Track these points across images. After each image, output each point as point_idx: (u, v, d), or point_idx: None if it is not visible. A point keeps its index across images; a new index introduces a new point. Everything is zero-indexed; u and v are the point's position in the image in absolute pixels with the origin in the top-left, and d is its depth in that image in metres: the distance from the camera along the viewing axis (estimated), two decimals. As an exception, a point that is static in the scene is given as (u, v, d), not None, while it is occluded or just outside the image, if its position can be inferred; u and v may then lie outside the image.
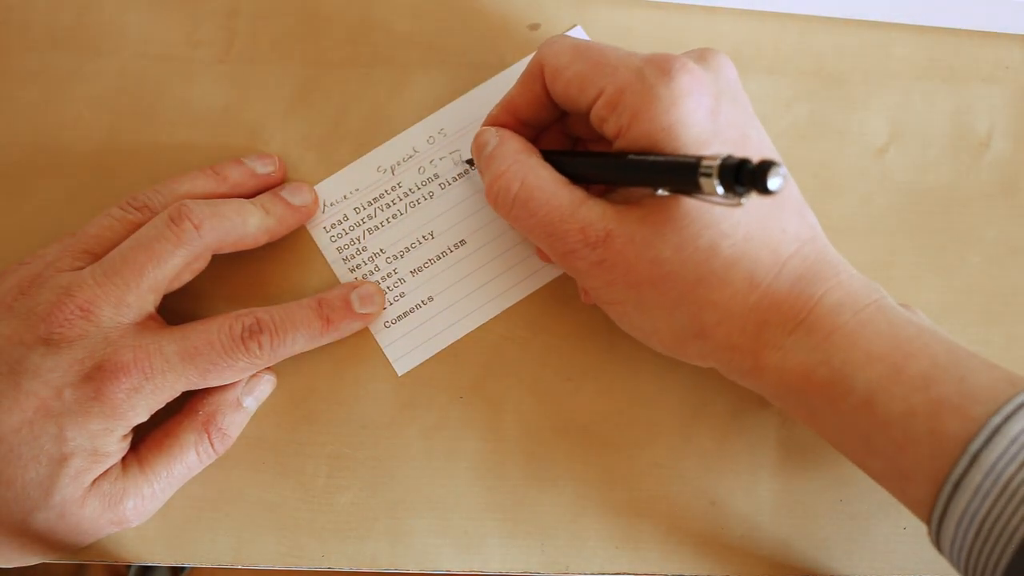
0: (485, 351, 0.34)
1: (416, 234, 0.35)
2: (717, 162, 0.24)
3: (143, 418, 0.29)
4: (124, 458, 0.30)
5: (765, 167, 0.22)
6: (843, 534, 0.33)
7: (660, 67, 0.27)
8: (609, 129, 0.28)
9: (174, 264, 0.30)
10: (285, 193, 0.33)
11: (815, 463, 0.33)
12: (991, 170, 0.36)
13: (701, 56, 0.28)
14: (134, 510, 0.30)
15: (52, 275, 0.29)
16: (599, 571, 0.33)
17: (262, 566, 0.33)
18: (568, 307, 0.34)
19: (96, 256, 0.30)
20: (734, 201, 0.24)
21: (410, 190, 0.35)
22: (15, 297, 0.29)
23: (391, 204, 0.35)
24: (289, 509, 0.33)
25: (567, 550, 0.33)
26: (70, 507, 0.28)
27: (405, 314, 0.34)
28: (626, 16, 0.36)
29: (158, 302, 0.31)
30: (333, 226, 0.35)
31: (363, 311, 0.33)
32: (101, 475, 0.29)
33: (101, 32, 0.36)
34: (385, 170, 0.35)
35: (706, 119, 0.27)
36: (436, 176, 0.35)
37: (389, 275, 0.34)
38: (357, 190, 0.35)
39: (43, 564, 0.31)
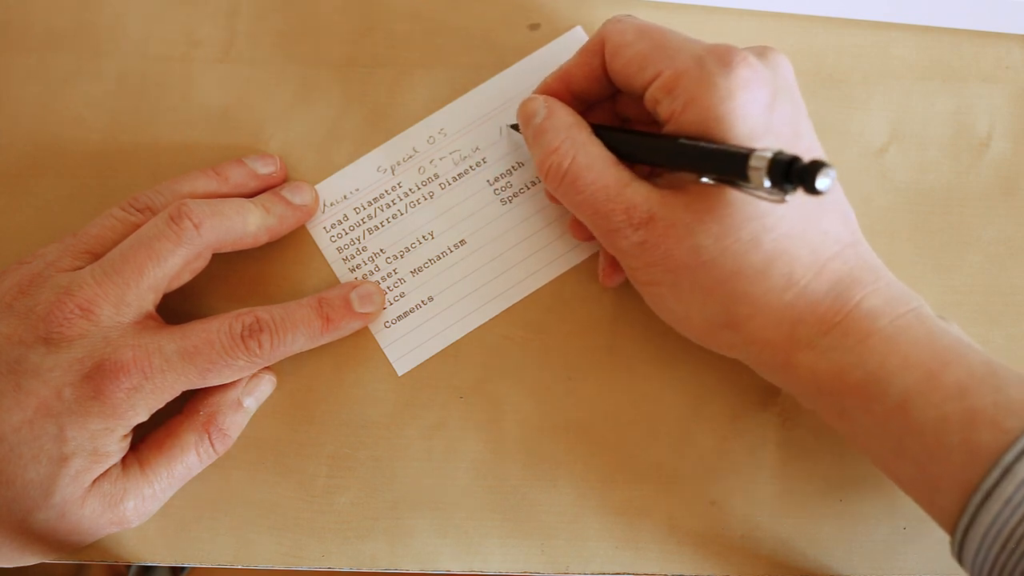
0: (485, 351, 0.34)
1: (416, 234, 0.35)
2: (768, 155, 0.24)
3: (143, 418, 0.29)
4: (124, 458, 0.30)
5: (815, 167, 0.23)
6: (843, 534, 0.33)
7: (721, 57, 0.27)
8: (662, 111, 0.28)
9: (174, 263, 0.30)
10: (286, 192, 0.33)
11: (815, 463, 0.33)
12: (991, 170, 0.36)
13: (761, 52, 0.28)
14: (134, 510, 0.30)
15: (52, 274, 0.29)
16: (599, 571, 0.33)
17: (262, 566, 0.33)
18: (568, 307, 0.34)
19: (96, 256, 0.30)
20: (779, 197, 0.24)
21: (410, 190, 0.35)
22: (15, 296, 0.29)
23: (391, 204, 0.35)
24: (289, 509, 0.33)
25: (567, 550, 0.33)
26: (70, 507, 0.28)
27: (405, 314, 0.34)
28: (626, 16, 0.36)
29: (158, 301, 0.31)
30: (333, 226, 0.35)
31: (363, 310, 0.33)
32: (101, 475, 0.29)
33: (101, 32, 0.36)
34: (385, 170, 0.35)
35: (761, 113, 0.27)
36: (436, 176, 0.35)
37: (389, 275, 0.34)
38: (357, 190, 0.35)
39: (43, 564, 0.31)
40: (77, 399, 0.28)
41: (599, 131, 0.30)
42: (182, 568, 0.59)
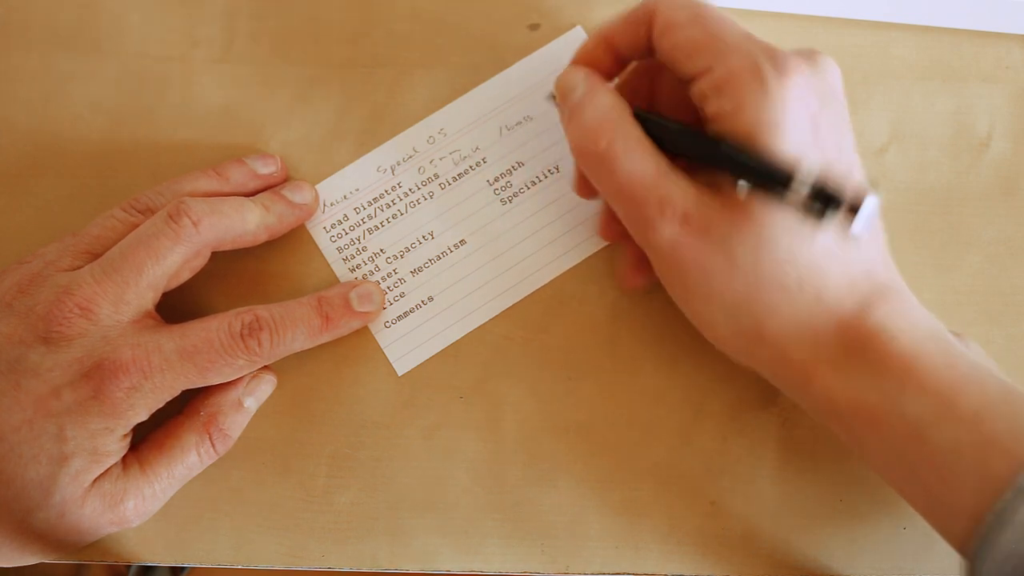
0: (485, 351, 0.34)
1: (416, 234, 0.35)
2: (811, 181, 0.24)
3: (143, 417, 0.29)
4: (125, 458, 0.30)
5: (855, 208, 0.23)
6: (843, 534, 0.33)
7: (776, 62, 0.26)
8: (709, 108, 0.27)
9: (173, 261, 0.30)
10: (286, 191, 0.33)
11: (815, 463, 0.33)
12: (991, 170, 0.36)
13: (810, 57, 0.28)
14: (134, 510, 0.30)
15: (51, 274, 0.29)
16: (599, 571, 0.33)
17: (262, 566, 0.33)
18: (568, 307, 0.34)
19: (96, 256, 0.30)
20: (814, 221, 0.24)
21: (410, 190, 0.35)
22: (14, 296, 0.29)
23: (391, 204, 0.35)
24: (289, 509, 0.33)
25: (567, 550, 0.33)
26: (70, 507, 0.28)
27: (405, 314, 0.34)
28: (626, 16, 0.36)
29: (157, 300, 0.31)
30: (333, 226, 0.35)
31: (362, 310, 0.33)
32: (101, 475, 0.29)
33: (101, 32, 0.36)
34: (385, 170, 0.35)
35: (808, 124, 0.26)
36: (436, 176, 0.35)
37: (389, 275, 0.34)
38: (357, 190, 0.35)
39: (43, 564, 0.31)
40: (76, 398, 0.28)
41: (640, 117, 0.29)
42: (182, 568, 0.59)
